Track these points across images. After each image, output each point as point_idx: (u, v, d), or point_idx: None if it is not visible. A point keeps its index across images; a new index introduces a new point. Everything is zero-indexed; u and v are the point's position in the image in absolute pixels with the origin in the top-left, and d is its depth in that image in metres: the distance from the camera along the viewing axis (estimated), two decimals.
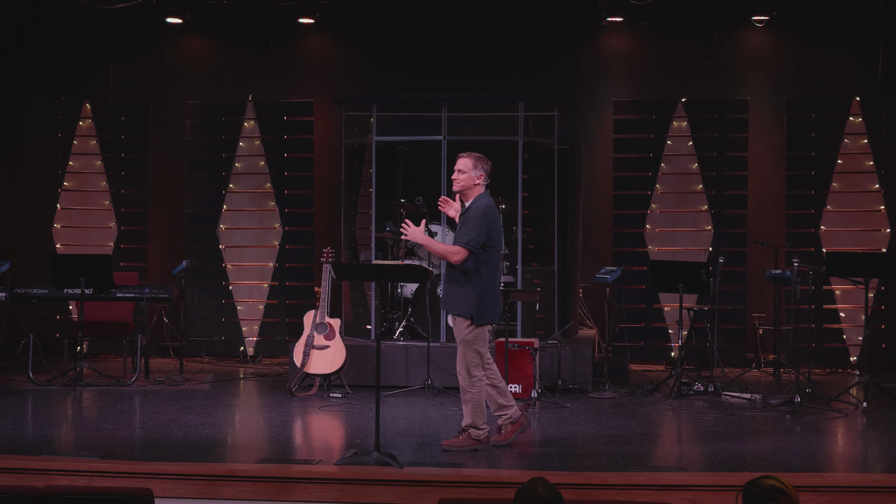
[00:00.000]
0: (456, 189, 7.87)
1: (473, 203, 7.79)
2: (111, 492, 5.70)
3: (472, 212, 7.73)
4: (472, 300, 7.66)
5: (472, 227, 7.65)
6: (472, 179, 7.81)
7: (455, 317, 7.77)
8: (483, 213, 7.70)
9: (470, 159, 7.84)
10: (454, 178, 7.86)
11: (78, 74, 13.43)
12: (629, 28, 13.15)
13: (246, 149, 13.22)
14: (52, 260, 11.31)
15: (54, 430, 8.87)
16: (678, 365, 10.60)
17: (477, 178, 7.82)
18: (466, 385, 7.75)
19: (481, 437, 7.81)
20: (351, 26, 13.25)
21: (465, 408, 7.83)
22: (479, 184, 7.83)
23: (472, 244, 7.62)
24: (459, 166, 7.85)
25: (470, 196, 7.84)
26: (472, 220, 7.68)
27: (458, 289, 7.68)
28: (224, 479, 6.84)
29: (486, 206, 7.75)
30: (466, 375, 7.74)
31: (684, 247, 12.63)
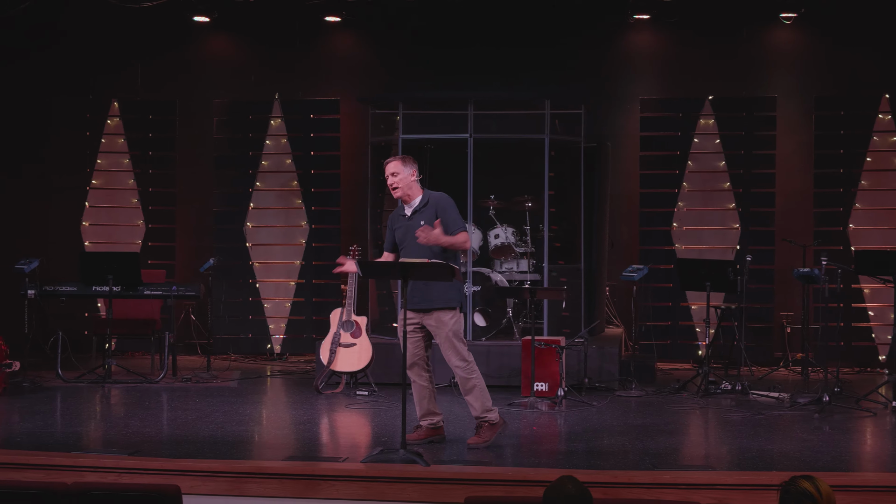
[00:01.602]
0: (398, 194, 7.87)
1: (429, 197, 7.86)
2: (139, 488, 5.73)
3: (441, 201, 7.81)
4: (457, 289, 7.76)
5: (453, 211, 7.80)
6: (408, 178, 7.85)
7: (437, 311, 7.73)
8: (450, 199, 7.86)
9: (397, 161, 7.89)
10: (391, 183, 7.86)
11: (106, 73, 13.50)
12: (656, 25, 13.10)
13: (272, 147, 13.26)
14: (80, 257, 11.37)
15: (83, 427, 8.92)
16: (705, 363, 10.55)
17: (411, 175, 7.86)
18: (466, 374, 7.76)
19: (496, 419, 7.85)
20: (377, 24, 13.26)
21: (469, 399, 7.82)
22: (415, 180, 7.88)
23: (464, 224, 7.82)
24: (391, 170, 7.85)
25: (413, 195, 7.87)
26: (449, 207, 7.79)
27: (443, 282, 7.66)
28: (251, 476, 6.86)
29: (447, 195, 7.88)
30: (463, 364, 7.75)
31: (711, 245, 12.58)
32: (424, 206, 7.82)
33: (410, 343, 7.79)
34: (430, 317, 7.77)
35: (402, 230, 7.88)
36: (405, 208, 7.91)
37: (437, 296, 7.71)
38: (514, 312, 11.40)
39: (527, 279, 11.56)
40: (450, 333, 7.73)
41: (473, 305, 11.26)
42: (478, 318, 11.28)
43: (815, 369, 11.60)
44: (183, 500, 5.33)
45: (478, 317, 11.29)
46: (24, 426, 8.66)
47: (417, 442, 7.78)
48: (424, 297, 7.76)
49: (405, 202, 7.91)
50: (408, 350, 7.70)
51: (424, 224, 7.72)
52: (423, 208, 7.82)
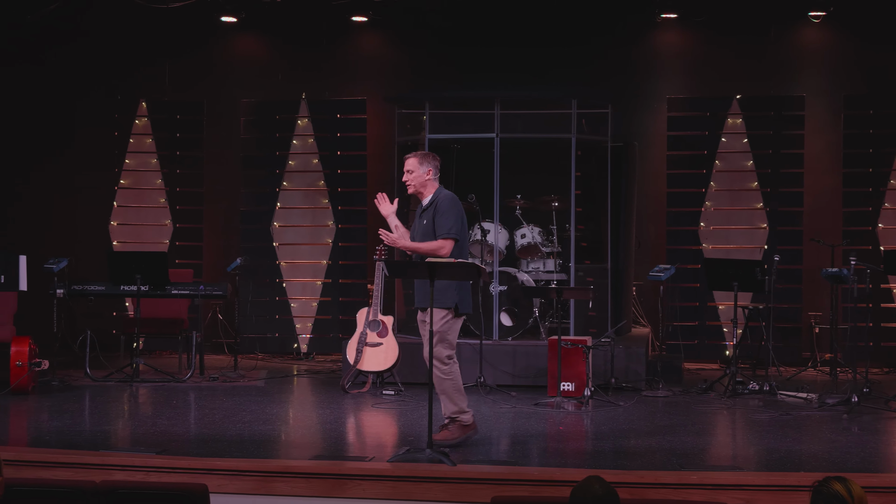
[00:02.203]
0: (410, 191, 7.87)
1: (436, 196, 7.81)
2: (167, 487, 5.75)
3: (441, 204, 7.74)
4: (454, 290, 7.68)
5: (448, 216, 7.69)
6: (422, 177, 7.82)
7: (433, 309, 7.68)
8: (452, 202, 7.76)
9: (415, 158, 7.85)
10: (405, 180, 7.85)
11: (134, 73, 13.56)
12: (683, 24, 13.06)
13: (299, 147, 13.29)
14: (108, 257, 11.43)
15: (111, 426, 8.96)
16: (733, 363, 10.51)
17: (426, 174, 7.82)
18: (442, 374, 7.67)
19: (469, 420, 7.77)
20: (404, 24, 13.27)
21: (443, 398, 7.74)
22: (431, 179, 7.84)
23: (454, 232, 7.68)
24: (407, 167, 7.84)
25: (426, 193, 7.86)
26: (445, 211, 7.70)
27: (440, 284, 7.58)
28: (278, 475, 6.88)
29: (452, 196, 7.81)
30: (440, 364, 7.67)
31: (739, 245, 12.53)
32: (430, 206, 7.80)
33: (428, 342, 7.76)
34: (425, 314, 7.73)
35: (414, 228, 7.91)
36: (421, 204, 7.90)
37: (434, 295, 7.60)
38: (540, 312, 11.38)
39: (553, 279, 11.54)
40: (438, 331, 7.63)
41: (500, 305, 11.26)
42: (504, 318, 11.28)
43: (844, 370, 11.53)
44: (210, 498, 5.35)
45: (504, 316, 11.28)
46: (53, 425, 8.72)
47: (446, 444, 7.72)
48: (424, 296, 7.74)
49: (419, 198, 7.91)
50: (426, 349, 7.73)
51: (427, 223, 7.71)
52: (429, 208, 7.80)
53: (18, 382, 9.90)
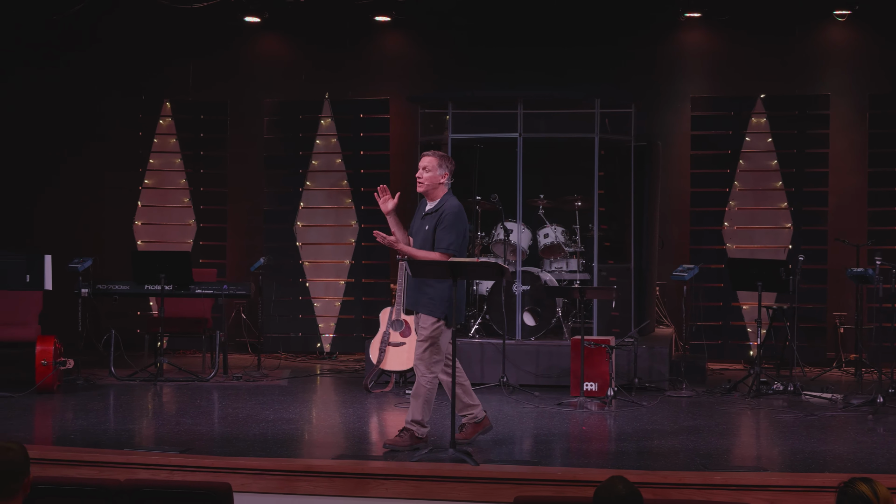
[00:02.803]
0: (421, 189, 7.69)
1: (443, 204, 7.65)
2: (190, 486, 5.77)
3: (446, 215, 7.58)
4: (445, 301, 7.55)
5: (450, 231, 7.53)
6: (436, 178, 7.66)
7: (422, 315, 7.64)
8: (457, 215, 7.60)
9: (435, 158, 7.67)
10: (418, 176, 7.68)
11: (158, 74, 13.62)
12: (707, 23, 13.02)
13: (322, 146, 13.32)
14: (132, 257, 11.47)
15: (135, 425, 9.00)
16: (757, 364, 10.47)
17: (442, 176, 7.66)
18: (424, 380, 7.59)
19: (424, 434, 7.66)
20: (427, 24, 13.28)
21: (413, 402, 7.65)
22: (444, 183, 7.68)
23: (453, 248, 7.53)
24: (424, 164, 7.66)
25: (435, 196, 7.70)
26: (449, 225, 7.54)
27: (430, 289, 7.56)
28: (301, 474, 6.89)
29: (459, 208, 7.65)
30: (426, 370, 7.59)
31: (763, 244, 12.48)
32: (436, 212, 7.66)
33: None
34: (417, 317, 7.70)
35: (415, 228, 7.78)
36: (426, 205, 7.78)
37: (424, 302, 7.61)
38: (563, 312, 11.37)
39: (576, 279, 11.53)
40: (424, 337, 7.59)
41: (523, 305, 11.25)
42: (527, 318, 11.27)
43: (869, 370, 11.48)
44: (234, 497, 5.36)
45: (527, 316, 11.27)
46: (78, 423, 8.77)
47: (466, 441, 7.72)
48: (415, 301, 7.69)
49: (426, 198, 7.77)
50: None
51: (429, 229, 7.60)
52: (434, 214, 7.66)
53: (44, 381, 9.96)
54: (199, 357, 12.13)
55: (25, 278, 9.95)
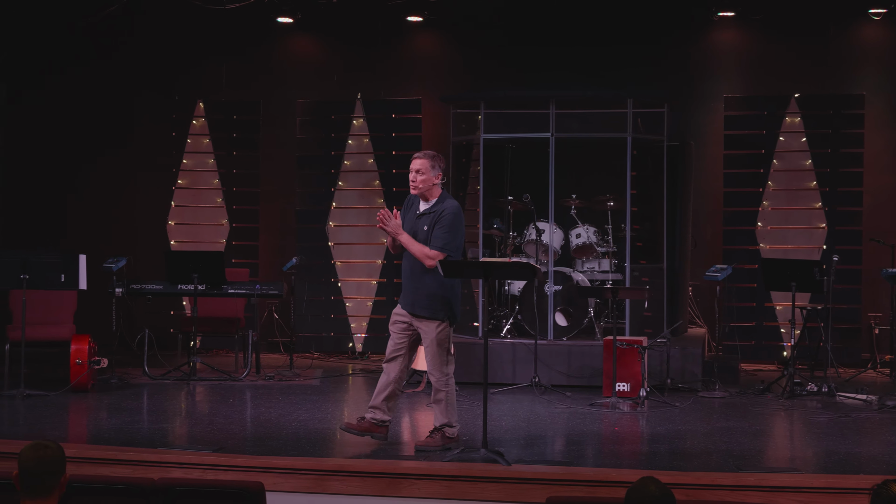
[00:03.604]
0: (416, 192, 7.68)
1: (440, 203, 7.63)
2: (223, 484, 5.79)
3: (444, 215, 7.56)
4: (445, 302, 7.55)
5: (447, 230, 7.50)
6: (431, 180, 7.64)
7: (424, 319, 7.59)
8: (456, 216, 7.59)
9: (427, 159, 7.65)
10: (412, 179, 7.65)
11: (192, 74, 13.69)
12: (741, 23, 12.96)
13: (355, 146, 13.34)
14: (166, 256, 11.53)
15: (168, 424, 9.06)
16: (791, 365, 10.41)
17: (436, 177, 7.64)
18: (440, 384, 7.60)
19: (454, 434, 7.67)
20: (459, 24, 13.28)
21: (436, 407, 7.67)
22: (438, 183, 7.68)
23: (449, 248, 7.50)
24: (417, 167, 7.64)
25: (431, 196, 7.68)
26: (447, 224, 7.52)
27: (429, 291, 7.54)
28: (333, 473, 6.91)
29: (456, 207, 7.64)
30: (439, 374, 7.59)
31: (797, 244, 12.40)
32: (432, 212, 7.63)
33: (394, 335, 7.69)
34: (418, 321, 7.64)
35: (409, 225, 7.70)
36: (420, 204, 7.74)
37: (423, 304, 7.58)
38: (595, 312, 11.34)
39: (608, 279, 11.50)
40: (433, 341, 7.57)
41: (555, 305, 11.23)
42: (559, 318, 11.25)
43: None
44: (266, 496, 5.38)
45: (559, 316, 11.25)
46: (112, 422, 8.83)
47: (354, 431, 7.69)
48: (413, 302, 7.64)
49: (422, 200, 7.75)
50: (390, 341, 7.69)
51: (427, 228, 7.57)
52: (430, 213, 7.63)
53: (78, 380, 10.03)
54: (232, 356, 12.18)
55: (60, 278, 10.02)
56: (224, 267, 11.22)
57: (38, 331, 10.69)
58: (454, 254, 7.55)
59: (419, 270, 7.57)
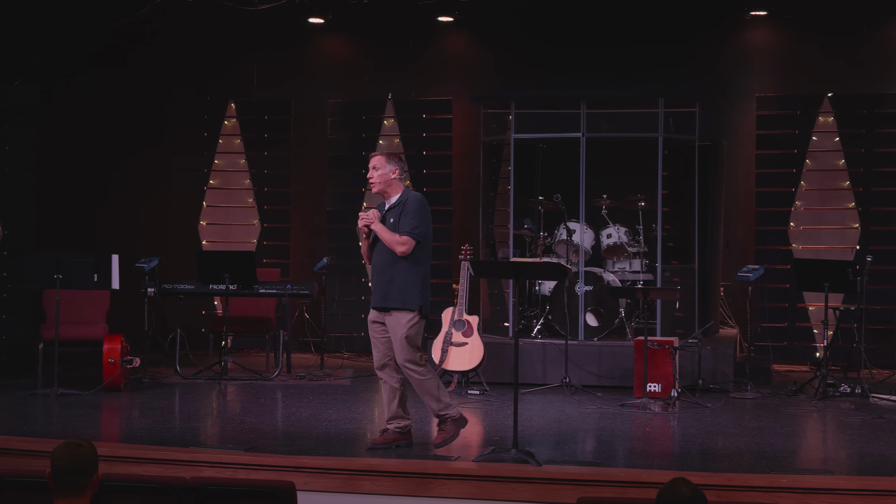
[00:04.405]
0: (376, 189, 7.69)
1: (404, 197, 7.66)
2: (255, 484, 5.81)
3: (409, 204, 7.58)
4: (417, 292, 7.54)
5: (414, 216, 7.53)
6: (387, 175, 7.65)
7: (394, 311, 7.56)
8: (421, 204, 7.60)
9: (381, 156, 7.70)
10: (369, 177, 7.68)
11: (223, 74, 13.74)
12: (773, 22, 12.88)
13: (385, 147, 13.35)
14: (198, 256, 11.58)
15: (200, 423, 9.10)
16: (823, 365, 10.34)
17: (392, 172, 7.65)
18: (419, 377, 7.56)
19: (458, 414, 7.65)
20: (489, 24, 13.27)
21: (426, 399, 7.63)
22: (397, 178, 7.68)
23: (418, 233, 7.51)
24: (373, 164, 7.67)
25: (392, 193, 7.69)
26: (412, 212, 7.54)
27: (401, 281, 7.52)
28: (363, 473, 6.92)
29: (421, 198, 7.66)
30: (415, 367, 7.54)
31: (830, 245, 12.32)
32: (398, 205, 7.64)
33: (378, 343, 7.68)
34: (389, 316, 7.61)
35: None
36: (385, 204, 7.75)
37: (395, 295, 7.54)
38: (626, 312, 11.31)
39: (639, 279, 11.46)
40: (403, 336, 7.54)
41: (585, 305, 11.21)
42: (590, 318, 11.23)
43: None
44: (297, 496, 5.39)
45: (590, 317, 11.23)
46: (144, 421, 8.87)
47: (382, 446, 7.65)
48: (384, 295, 7.61)
49: (384, 198, 7.75)
50: (377, 350, 7.67)
51: (393, 221, 7.58)
52: (396, 207, 7.65)
53: (111, 379, 10.09)
54: (263, 356, 12.22)
55: (93, 278, 10.09)
56: (255, 267, 11.26)
57: (71, 330, 10.75)
58: (424, 241, 7.57)
59: (389, 262, 7.57)
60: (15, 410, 9.26)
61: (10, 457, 7.30)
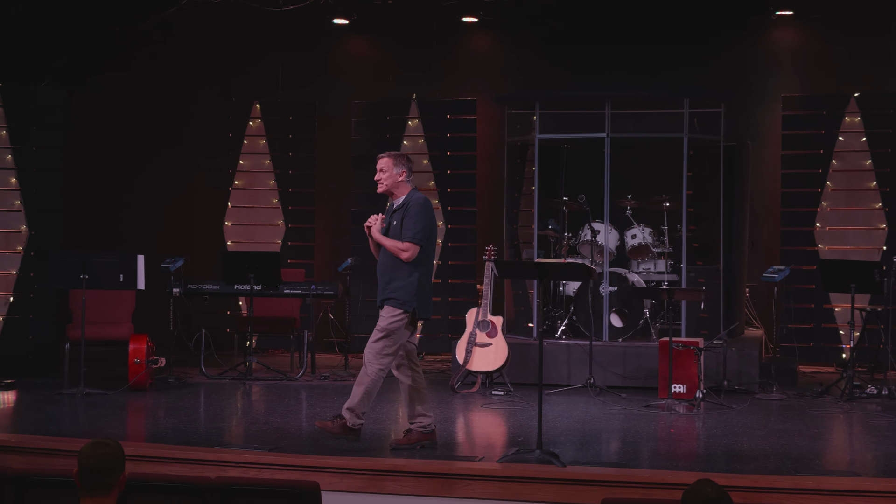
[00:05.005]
0: (381, 190, 7.74)
1: (408, 199, 7.69)
2: (279, 484, 5.82)
3: (411, 207, 7.63)
4: (413, 294, 7.56)
5: (416, 220, 7.57)
6: (395, 177, 7.69)
7: (386, 304, 7.61)
8: (423, 206, 7.64)
9: (389, 158, 7.72)
10: (377, 179, 7.73)
11: (248, 75, 13.78)
12: (799, 21, 12.83)
13: (410, 147, 13.36)
14: (223, 257, 11.61)
15: (225, 423, 9.13)
16: (850, 367, 10.28)
17: (399, 175, 7.69)
18: (370, 370, 7.54)
19: (356, 426, 7.59)
20: (513, 24, 13.27)
21: (356, 390, 7.60)
22: (404, 180, 7.72)
23: (419, 238, 7.56)
24: (380, 166, 7.72)
25: (399, 194, 7.73)
26: (415, 215, 7.59)
27: (398, 282, 7.58)
28: (387, 473, 6.93)
29: (424, 200, 7.70)
30: (374, 361, 7.54)
31: (856, 245, 12.25)
32: (401, 207, 7.69)
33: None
34: (382, 310, 7.67)
35: (385, 227, 7.75)
36: (392, 204, 7.79)
37: (391, 291, 7.61)
38: (651, 313, 11.28)
39: (664, 280, 11.43)
40: (386, 328, 7.56)
41: (610, 306, 11.19)
42: (614, 319, 11.20)
43: None
44: (322, 496, 5.40)
45: (614, 317, 11.21)
46: (170, 421, 8.91)
47: (406, 446, 7.66)
48: (382, 294, 7.68)
49: (391, 199, 7.80)
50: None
51: (396, 224, 7.63)
52: (400, 209, 7.69)
53: (136, 379, 10.14)
54: (288, 356, 12.25)
55: (119, 278, 10.14)
56: (280, 267, 11.29)
57: (97, 330, 10.81)
58: (426, 244, 7.63)
59: (391, 265, 7.65)
60: (42, 410, 9.32)
61: (37, 456, 7.35)
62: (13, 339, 11.38)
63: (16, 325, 11.43)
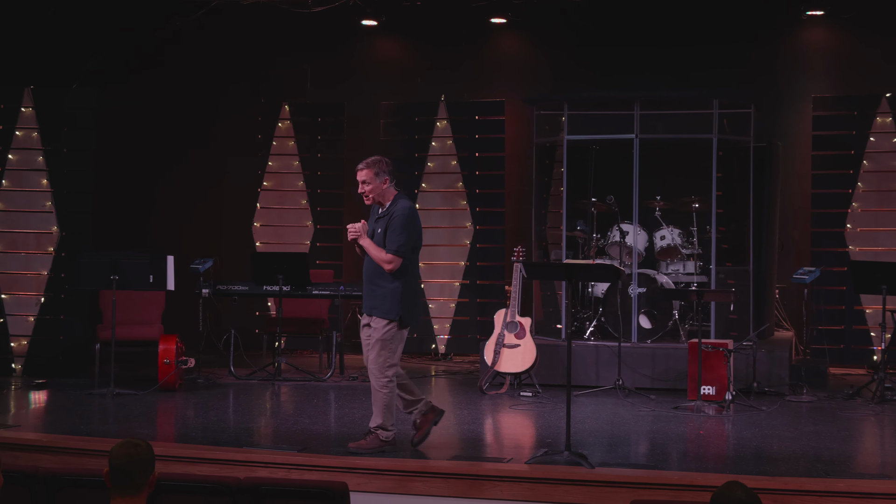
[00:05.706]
0: (369, 202, 7.70)
1: (393, 206, 7.63)
2: (308, 484, 5.83)
3: (395, 217, 7.57)
4: (398, 303, 7.54)
5: (399, 232, 7.52)
6: (378, 187, 7.63)
7: (376, 317, 7.61)
8: (407, 217, 7.57)
9: (368, 169, 7.64)
10: (361, 191, 7.66)
11: (277, 76, 13.82)
12: (830, 21, 12.76)
13: (438, 148, 13.37)
14: (252, 258, 11.66)
15: (254, 423, 9.15)
16: (881, 369, 10.22)
17: (383, 183, 7.63)
18: (379, 385, 7.56)
19: (389, 438, 7.60)
20: (542, 25, 13.25)
21: (375, 408, 7.64)
22: (389, 187, 7.66)
23: (402, 250, 7.52)
24: (362, 178, 7.65)
25: (386, 200, 7.68)
26: (398, 227, 7.53)
27: (382, 290, 7.56)
28: (416, 474, 6.94)
29: (409, 209, 7.63)
30: (380, 375, 7.55)
31: (888, 247, 12.16)
32: (386, 215, 7.65)
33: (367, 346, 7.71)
34: (371, 320, 7.67)
35: (370, 232, 7.72)
36: (379, 209, 7.76)
37: (377, 303, 7.61)
38: (680, 315, 11.24)
39: (693, 281, 11.39)
40: (380, 339, 7.58)
41: (639, 307, 11.16)
42: (643, 321, 11.17)
43: None
44: (350, 497, 5.41)
45: (643, 319, 11.17)
46: (199, 421, 8.95)
47: (422, 436, 7.71)
48: (370, 304, 7.69)
49: (379, 205, 7.76)
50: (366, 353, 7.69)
51: (380, 232, 7.60)
52: (384, 217, 7.65)
53: (166, 380, 10.19)
54: (316, 357, 12.27)
55: (149, 279, 10.19)
56: (308, 268, 11.32)
57: (127, 330, 10.87)
58: (409, 255, 7.60)
59: (374, 274, 7.65)
60: (72, 410, 9.38)
61: (67, 455, 7.40)
62: (45, 339, 11.45)
63: (47, 325, 11.50)
